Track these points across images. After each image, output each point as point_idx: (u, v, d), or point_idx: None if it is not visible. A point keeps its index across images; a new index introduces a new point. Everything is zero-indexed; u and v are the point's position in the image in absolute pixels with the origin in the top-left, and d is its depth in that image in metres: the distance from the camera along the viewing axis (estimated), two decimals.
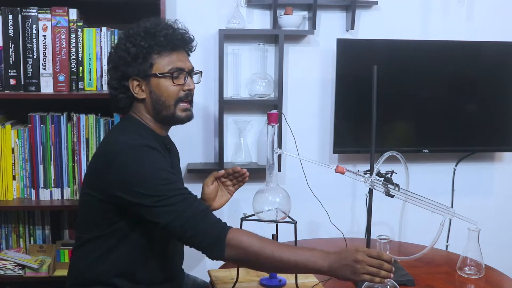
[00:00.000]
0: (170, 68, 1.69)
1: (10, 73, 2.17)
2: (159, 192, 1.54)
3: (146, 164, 1.58)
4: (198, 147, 2.64)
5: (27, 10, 2.15)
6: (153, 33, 1.68)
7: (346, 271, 1.46)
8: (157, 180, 1.56)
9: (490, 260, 2.00)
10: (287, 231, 1.84)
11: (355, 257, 1.45)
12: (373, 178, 1.75)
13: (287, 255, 1.49)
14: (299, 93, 2.66)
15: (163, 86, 1.69)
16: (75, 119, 2.23)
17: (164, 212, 1.54)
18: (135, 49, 1.67)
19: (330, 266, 1.47)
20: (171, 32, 1.71)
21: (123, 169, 1.58)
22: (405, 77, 2.60)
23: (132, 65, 1.68)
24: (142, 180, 1.56)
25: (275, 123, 1.70)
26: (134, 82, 1.70)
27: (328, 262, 1.47)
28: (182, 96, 1.71)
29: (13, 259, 2.25)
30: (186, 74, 1.72)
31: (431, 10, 2.69)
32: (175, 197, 1.54)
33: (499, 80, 2.67)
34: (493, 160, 2.87)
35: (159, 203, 1.54)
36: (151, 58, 1.68)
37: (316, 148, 2.71)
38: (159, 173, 1.57)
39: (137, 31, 1.70)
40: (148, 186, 1.55)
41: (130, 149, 1.60)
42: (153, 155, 1.61)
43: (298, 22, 2.52)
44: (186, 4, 2.53)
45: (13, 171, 2.24)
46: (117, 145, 1.63)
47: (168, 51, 1.70)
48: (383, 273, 1.45)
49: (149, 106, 1.72)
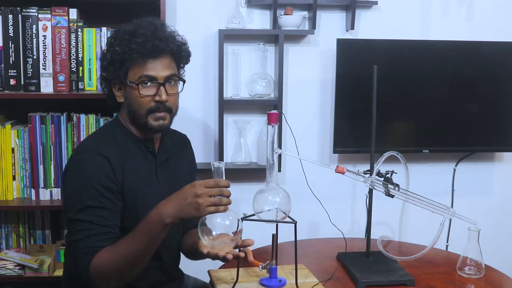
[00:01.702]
0: (139, 77, 1.64)
1: (10, 73, 2.17)
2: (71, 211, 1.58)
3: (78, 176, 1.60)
4: (198, 147, 2.63)
5: (27, 10, 2.15)
6: (128, 40, 1.63)
7: (190, 210, 1.43)
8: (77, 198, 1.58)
9: (490, 260, 2.00)
10: (287, 231, 1.84)
11: (194, 192, 1.43)
12: (373, 178, 1.75)
13: (135, 242, 1.48)
14: (299, 93, 2.66)
15: (133, 95, 1.66)
16: (75, 119, 2.23)
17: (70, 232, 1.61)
18: (110, 54, 1.66)
19: (172, 214, 1.44)
20: (146, 39, 1.63)
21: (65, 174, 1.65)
22: (405, 77, 2.60)
23: (109, 69, 1.67)
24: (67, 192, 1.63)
25: (275, 123, 1.70)
26: (116, 85, 1.70)
27: (167, 213, 1.44)
28: (153, 107, 1.65)
29: (13, 259, 2.25)
30: (159, 84, 1.65)
31: (431, 10, 2.69)
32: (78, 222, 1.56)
33: (499, 80, 2.67)
34: (493, 160, 2.87)
35: (70, 223, 1.59)
36: (126, 64, 1.65)
37: (316, 148, 2.71)
38: (84, 191, 1.57)
39: (117, 35, 1.68)
40: (68, 200, 1.61)
41: (80, 154, 1.64)
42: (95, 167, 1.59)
43: (298, 22, 2.52)
44: (186, 4, 2.53)
45: (13, 171, 2.24)
46: (77, 149, 1.72)
47: (142, 58, 1.64)
48: (225, 200, 1.46)
49: (126, 111, 1.72)
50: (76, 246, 1.55)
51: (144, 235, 1.48)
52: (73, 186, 1.60)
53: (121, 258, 1.49)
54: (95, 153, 1.61)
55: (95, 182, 1.57)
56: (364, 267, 1.87)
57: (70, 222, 1.58)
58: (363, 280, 1.77)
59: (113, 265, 1.49)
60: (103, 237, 1.55)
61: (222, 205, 1.45)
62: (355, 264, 1.89)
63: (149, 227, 1.47)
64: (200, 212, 1.44)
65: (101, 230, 1.55)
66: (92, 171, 1.58)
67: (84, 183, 1.57)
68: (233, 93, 2.58)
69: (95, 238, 1.54)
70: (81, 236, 1.55)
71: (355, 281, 1.79)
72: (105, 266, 1.50)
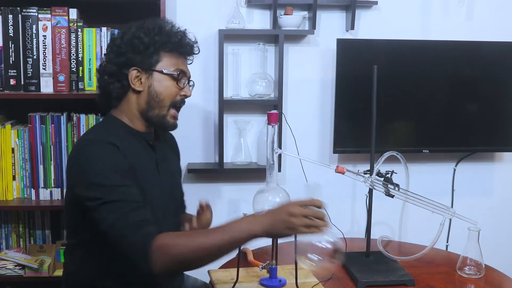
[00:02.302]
0: (176, 69, 1.69)
1: (10, 73, 2.17)
2: (101, 195, 1.48)
3: (97, 163, 1.53)
4: (198, 147, 2.64)
5: (27, 10, 2.15)
6: (168, 31, 1.68)
7: (282, 228, 1.40)
8: (102, 182, 1.50)
9: (490, 260, 2.00)
10: None
11: (288, 211, 1.39)
12: (373, 178, 1.75)
13: (216, 238, 1.41)
14: (299, 93, 2.66)
15: (165, 85, 1.68)
16: (75, 119, 2.23)
17: (102, 218, 1.48)
18: (148, 40, 1.65)
19: (263, 228, 1.40)
20: (184, 37, 1.71)
21: (76, 167, 1.56)
22: (405, 77, 2.60)
23: (141, 54, 1.65)
24: (88, 180, 1.51)
25: (275, 123, 1.70)
26: (134, 72, 1.66)
27: (260, 225, 1.40)
28: (178, 101, 1.70)
29: (13, 259, 2.25)
30: (187, 80, 1.73)
31: (431, 10, 2.69)
32: (115, 203, 1.47)
33: (499, 80, 2.67)
34: (493, 160, 2.87)
35: (99, 206, 1.48)
36: (160, 54, 1.67)
37: (316, 148, 2.71)
38: (108, 175, 1.51)
39: (152, 26, 1.68)
40: (92, 187, 1.50)
41: (88, 146, 1.57)
42: (109, 154, 1.55)
43: (298, 22, 2.52)
44: (186, 4, 2.53)
45: (13, 171, 2.24)
46: (79, 142, 1.63)
47: (178, 53, 1.70)
48: (320, 222, 1.41)
49: (143, 100, 1.68)
50: (117, 225, 1.45)
51: (229, 236, 1.42)
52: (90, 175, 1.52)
53: (197, 247, 1.42)
54: (105, 142, 1.57)
55: (113, 164, 1.54)
56: (364, 267, 1.88)
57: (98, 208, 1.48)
58: (363, 280, 1.78)
59: (186, 250, 1.41)
60: (143, 211, 1.50)
61: (316, 226, 1.41)
62: (355, 264, 1.89)
63: (236, 231, 1.42)
64: (293, 232, 1.41)
65: (137, 205, 1.50)
66: (109, 157, 1.54)
67: (102, 167, 1.52)
68: (233, 93, 2.58)
69: (137, 213, 1.47)
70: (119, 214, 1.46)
71: (355, 281, 1.79)
72: (176, 247, 1.41)
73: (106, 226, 1.47)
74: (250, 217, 1.45)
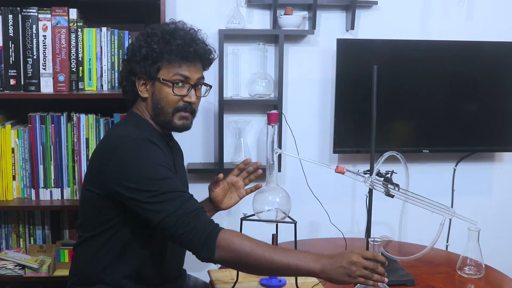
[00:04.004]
0: (174, 76, 1.69)
1: (10, 73, 2.17)
2: (153, 187, 1.53)
3: (143, 158, 1.57)
4: (198, 147, 2.63)
5: (27, 10, 2.15)
6: (168, 40, 1.68)
7: (341, 274, 1.44)
8: (152, 175, 1.55)
9: (490, 260, 2.00)
10: (287, 231, 1.84)
11: (350, 259, 1.44)
12: (373, 178, 1.75)
13: (279, 257, 1.47)
14: (299, 93, 2.66)
15: (164, 92, 1.69)
16: (75, 119, 2.23)
17: (156, 209, 1.52)
18: (146, 50, 1.68)
19: (323, 268, 1.45)
20: (187, 42, 1.70)
21: (121, 162, 1.58)
22: (405, 77, 2.59)
23: (141, 64, 1.70)
24: (137, 174, 1.55)
25: (275, 123, 1.70)
26: (141, 80, 1.72)
27: (321, 264, 1.45)
28: (181, 107, 1.71)
29: (13, 259, 2.25)
30: (191, 85, 1.72)
31: (431, 10, 2.69)
32: (169, 194, 1.53)
33: (499, 80, 2.67)
34: (493, 160, 2.87)
35: (152, 199, 1.52)
36: (160, 62, 1.68)
37: (316, 148, 2.71)
38: (156, 168, 1.57)
39: (155, 32, 1.70)
40: (143, 181, 1.54)
41: (130, 142, 1.60)
42: (152, 150, 1.61)
43: (298, 22, 2.52)
44: (186, 4, 2.53)
45: (13, 171, 2.24)
46: (117, 138, 1.64)
47: (179, 60, 1.69)
48: (376, 276, 1.45)
49: (149, 106, 1.73)
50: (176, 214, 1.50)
51: (293, 262, 1.47)
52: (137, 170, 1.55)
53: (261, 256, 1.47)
54: (143, 139, 1.61)
55: (158, 159, 1.60)
56: None
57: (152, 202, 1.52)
58: None
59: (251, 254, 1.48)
60: (195, 201, 1.57)
61: (373, 280, 1.44)
62: None
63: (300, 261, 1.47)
64: (349, 280, 1.45)
65: (189, 195, 1.56)
66: (152, 153, 1.60)
67: (149, 162, 1.57)
68: (233, 93, 2.58)
69: (193, 201, 1.56)
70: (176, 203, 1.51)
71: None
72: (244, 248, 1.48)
73: (162, 217, 1.51)
74: (315, 254, 1.48)
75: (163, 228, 1.52)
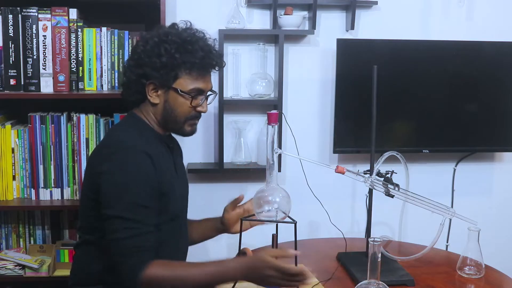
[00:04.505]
0: (193, 89, 1.67)
1: (10, 73, 2.17)
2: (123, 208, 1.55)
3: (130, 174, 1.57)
4: (198, 147, 2.63)
5: (27, 10, 2.15)
6: (190, 50, 1.65)
7: (257, 281, 1.56)
8: (130, 196, 1.56)
9: (490, 260, 2.00)
10: (287, 231, 1.84)
11: (264, 273, 1.51)
12: (373, 178, 1.75)
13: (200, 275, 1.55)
14: (299, 93, 2.66)
15: (179, 102, 1.68)
16: (75, 119, 2.23)
17: (114, 229, 1.56)
18: (167, 58, 1.64)
19: (243, 276, 1.56)
20: (207, 55, 1.68)
21: (109, 173, 1.58)
22: (405, 77, 2.59)
23: (158, 71, 1.65)
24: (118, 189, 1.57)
25: (275, 123, 1.70)
26: (152, 85, 1.68)
27: (241, 274, 1.55)
28: (193, 116, 1.72)
29: (13, 259, 2.25)
30: (204, 96, 1.72)
31: (431, 10, 2.69)
32: (131, 222, 1.55)
33: (499, 80, 2.67)
34: (493, 160, 2.87)
35: (116, 219, 1.55)
36: (179, 71, 1.66)
37: (316, 148, 2.71)
38: (137, 191, 1.56)
39: (174, 40, 1.66)
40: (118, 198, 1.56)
41: (124, 150, 1.60)
42: (143, 167, 1.58)
43: (298, 22, 2.52)
44: (186, 4, 2.53)
45: (13, 171, 2.24)
46: (116, 142, 1.64)
47: (198, 72, 1.68)
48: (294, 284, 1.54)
49: (158, 112, 1.71)
50: (121, 244, 1.54)
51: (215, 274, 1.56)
52: (117, 184, 1.57)
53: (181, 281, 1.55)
54: (139, 150, 1.60)
55: (144, 180, 1.58)
56: (364, 267, 1.87)
57: (113, 218, 1.56)
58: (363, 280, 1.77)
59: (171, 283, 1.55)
60: (149, 237, 1.58)
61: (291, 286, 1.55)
62: (355, 264, 1.89)
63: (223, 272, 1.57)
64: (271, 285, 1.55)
65: (147, 229, 1.57)
66: (140, 169, 1.58)
67: (133, 180, 1.56)
68: (233, 93, 2.58)
69: (143, 238, 1.56)
70: (128, 234, 1.54)
71: (355, 281, 1.79)
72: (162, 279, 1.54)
73: (112, 238, 1.56)
74: (236, 264, 1.57)
75: (110, 246, 1.57)
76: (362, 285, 1.52)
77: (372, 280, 1.51)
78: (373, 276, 1.51)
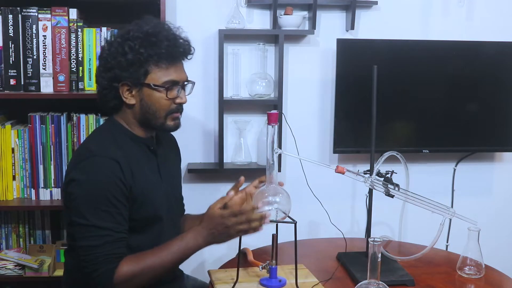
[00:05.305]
0: (166, 81, 1.65)
1: (10, 73, 2.17)
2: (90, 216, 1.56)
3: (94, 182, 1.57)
4: (198, 147, 2.63)
5: (27, 10, 2.15)
6: (154, 42, 1.62)
7: (223, 238, 1.61)
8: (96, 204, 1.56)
9: (490, 260, 2.00)
10: (287, 231, 1.84)
11: (224, 224, 1.57)
12: (373, 178, 1.75)
13: (166, 256, 1.59)
14: (299, 93, 2.66)
15: (155, 97, 1.66)
16: (75, 119, 2.23)
17: (82, 237, 1.58)
18: (132, 55, 1.62)
19: (207, 241, 1.61)
20: (172, 43, 1.65)
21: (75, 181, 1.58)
22: (405, 77, 2.59)
23: (126, 70, 1.63)
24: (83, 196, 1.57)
25: (275, 123, 1.70)
26: (125, 86, 1.66)
27: (203, 239, 1.61)
28: (173, 109, 1.69)
29: (13, 259, 2.25)
30: (180, 87, 1.69)
31: (431, 10, 2.69)
32: (99, 230, 1.56)
33: (499, 80, 2.67)
34: (493, 160, 2.87)
35: (84, 227, 1.56)
36: (148, 66, 1.63)
37: (316, 148, 2.71)
38: (102, 198, 1.56)
39: (136, 35, 1.63)
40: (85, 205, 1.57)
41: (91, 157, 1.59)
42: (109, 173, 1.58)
43: (298, 22, 2.52)
44: (186, 4, 2.53)
45: (13, 171, 2.24)
46: (84, 150, 1.64)
47: (167, 62, 1.65)
48: (254, 224, 1.58)
49: (137, 112, 1.69)
50: (91, 252, 1.55)
51: (179, 251, 1.61)
52: (85, 192, 1.57)
53: (151, 269, 1.59)
54: (104, 157, 1.59)
55: (109, 186, 1.57)
56: (364, 267, 1.87)
57: (82, 227, 1.56)
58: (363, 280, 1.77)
59: (142, 275, 1.58)
60: (120, 244, 1.58)
61: (252, 228, 1.59)
62: (355, 264, 1.89)
63: (185, 246, 1.62)
64: (232, 238, 1.62)
65: (117, 236, 1.58)
66: (105, 175, 1.57)
67: (98, 188, 1.56)
68: (233, 93, 2.58)
69: (114, 245, 1.57)
70: (98, 242, 1.55)
71: (355, 281, 1.79)
72: (133, 275, 1.57)
73: (81, 245, 1.58)
74: (194, 233, 1.62)
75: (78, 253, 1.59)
76: (362, 285, 1.52)
77: (372, 280, 1.51)
78: (373, 276, 1.51)
